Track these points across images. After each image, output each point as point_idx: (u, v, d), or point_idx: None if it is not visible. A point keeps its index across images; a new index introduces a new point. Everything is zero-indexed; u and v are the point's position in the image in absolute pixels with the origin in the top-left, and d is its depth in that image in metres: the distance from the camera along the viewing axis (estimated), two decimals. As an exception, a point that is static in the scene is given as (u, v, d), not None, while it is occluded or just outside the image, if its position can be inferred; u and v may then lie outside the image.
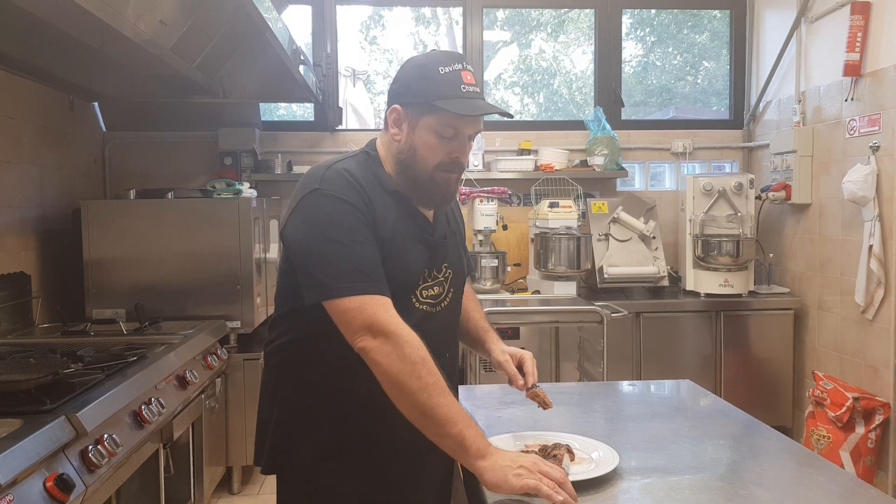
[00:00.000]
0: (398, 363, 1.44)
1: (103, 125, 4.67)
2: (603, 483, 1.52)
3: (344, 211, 1.53)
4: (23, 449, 1.75)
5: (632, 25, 5.46)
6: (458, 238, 1.80)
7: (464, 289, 1.80)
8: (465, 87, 1.58)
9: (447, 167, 1.62)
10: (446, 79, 1.58)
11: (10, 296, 3.30)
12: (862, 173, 3.68)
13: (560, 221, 4.31)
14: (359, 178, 1.59)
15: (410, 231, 1.63)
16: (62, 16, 2.50)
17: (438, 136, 1.59)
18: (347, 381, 1.61)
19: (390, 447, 1.63)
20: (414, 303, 1.62)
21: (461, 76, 1.58)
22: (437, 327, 1.65)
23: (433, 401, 1.44)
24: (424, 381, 1.44)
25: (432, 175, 1.61)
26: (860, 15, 3.80)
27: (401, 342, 1.45)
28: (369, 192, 1.58)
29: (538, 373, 1.84)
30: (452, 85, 1.57)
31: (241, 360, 3.73)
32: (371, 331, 1.46)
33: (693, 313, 4.39)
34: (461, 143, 1.62)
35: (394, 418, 1.54)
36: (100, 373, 2.41)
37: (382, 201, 1.60)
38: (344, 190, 1.55)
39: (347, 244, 1.51)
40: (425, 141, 1.60)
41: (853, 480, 1.66)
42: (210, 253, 3.75)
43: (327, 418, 1.63)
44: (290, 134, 4.96)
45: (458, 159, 1.62)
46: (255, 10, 2.87)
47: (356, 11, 5.37)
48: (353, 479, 1.63)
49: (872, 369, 3.81)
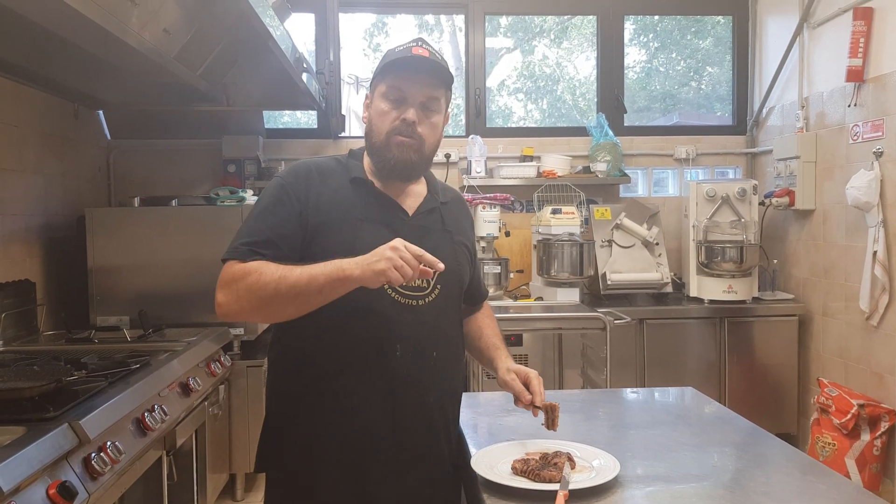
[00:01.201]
0: (239, 300, 1.57)
1: (108, 133, 4.69)
2: (605, 491, 1.52)
3: (274, 189, 1.69)
4: (26, 456, 1.75)
5: (635, 31, 5.46)
6: (453, 238, 1.80)
7: (457, 292, 1.80)
8: (410, 54, 1.67)
9: (399, 130, 1.68)
10: (396, 52, 1.70)
11: (15, 303, 3.31)
12: (865, 179, 3.67)
13: (563, 228, 4.31)
14: (317, 167, 1.74)
15: (372, 214, 1.69)
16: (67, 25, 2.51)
17: (387, 101, 1.69)
18: (326, 381, 1.65)
19: (368, 449, 1.64)
20: (386, 289, 1.63)
21: (411, 50, 1.69)
22: (420, 322, 1.66)
23: (286, 284, 1.51)
24: (268, 286, 1.53)
25: (387, 141, 1.69)
26: (863, 21, 3.80)
27: (228, 279, 1.59)
28: (324, 177, 1.71)
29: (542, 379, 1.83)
30: (400, 54, 1.69)
31: (244, 367, 3.73)
32: (218, 288, 1.62)
33: (697, 320, 4.38)
34: (409, 106, 1.68)
35: (367, 417, 1.61)
36: (103, 380, 2.41)
37: (337, 186, 1.70)
38: (288, 174, 1.72)
39: (252, 217, 1.67)
40: (378, 109, 1.70)
41: (857, 490, 1.66)
42: (214, 260, 3.65)
43: (307, 418, 1.66)
44: (294, 141, 4.98)
45: (407, 120, 1.67)
46: (257, 19, 2.88)
47: (360, 19, 5.39)
48: (331, 479, 1.65)
49: (878, 376, 3.80)
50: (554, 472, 1.53)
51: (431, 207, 1.79)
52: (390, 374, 1.64)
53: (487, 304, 2.06)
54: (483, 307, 2.03)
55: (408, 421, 1.66)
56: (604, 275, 4.47)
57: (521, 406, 1.77)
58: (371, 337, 1.63)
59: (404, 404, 1.66)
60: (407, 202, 1.76)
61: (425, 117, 1.69)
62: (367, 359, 1.63)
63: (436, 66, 1.68)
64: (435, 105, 1.71)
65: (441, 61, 1.70)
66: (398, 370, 1.64)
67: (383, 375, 1.64)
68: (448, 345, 1.76)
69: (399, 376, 1.64)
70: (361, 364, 1.64)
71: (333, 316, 1.59)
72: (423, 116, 1.68)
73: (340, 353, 1.64)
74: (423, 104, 1.68)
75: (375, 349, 1.63)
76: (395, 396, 1.64)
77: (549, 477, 1.52)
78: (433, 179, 1.86)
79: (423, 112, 1.69)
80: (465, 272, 1.82)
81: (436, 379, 1.71)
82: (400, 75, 1.67)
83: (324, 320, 1.60)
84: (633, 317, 3.90)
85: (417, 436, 1.68)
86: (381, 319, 1.63)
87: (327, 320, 1.61)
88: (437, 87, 1.71)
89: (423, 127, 1.68)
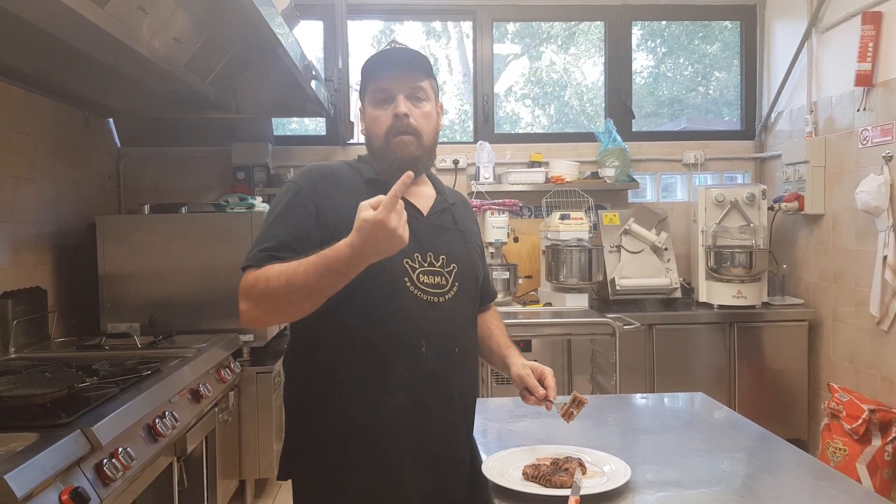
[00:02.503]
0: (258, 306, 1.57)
1: (118, 141, 4.72)
2: (616, 497, 1.52)
3: (288, 193, 1.69)
4: (38, 462, 1.76)
5: (643, 37, 5.46)
6: (466, 237, 1.82)
7: (474, 290, 1.82)
8: (382, 53, 1.72)
9: (395, 130, 1.70)
10: (372, 57, 1.73)
11: (27, 311, 3.32)
12: (875, 183, 3.66)
13: (571, 233, 4.31)
14: (330, 169, 1.75)
15: None
16: (78, 34, 2.53)
17: (376, 105, 1.72)
18: (350, 383, 1.64)
19: (395, 447, 1.64)
20: (408, 285, 1.65)
21: (382, 52, 1.73)
22: (441, 319, 1.66)
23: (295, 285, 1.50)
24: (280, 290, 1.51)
25: (387, 143, 1.71)
26: (871, 25, 3.79)
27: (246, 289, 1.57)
28: (337, 180, 1.72)
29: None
30: (376, 56, 1.73)
31: (254, 374, 3.73)
32: (240, 298, 1.60)
33: (706, 325, 4.37)
34: (396, 102, 1.70)
35: (393, 416, 1.60)
36: (114, 387, 2.42)
37: (351, 188, 1.70)
38: (301, 177, 1.72)
39: (269, 224, 1.66)
40: (369, 115, 1.74)
41: (868, 495, 1.65)
42: (223, 267, 3.76)
43: (334, 420, 1.66)
44: (303, 148, 5.00)
45: (400, 116, 1.69)
46: (266, 26, 2.90)
47: (368, 26, 5.40)
48: (359, 479, 1.64)
49: (888, 381, 3.78)
50: (565, 478, 1.53)
51: (443, 207, 1.81)
52: (416, 370, 1.65)
53: (494, 306, 2.08)
54: (490, 308, 2.04)
55: (433, 417, 1.67)
56: (612, 280, 4.47)
57: (533, 402, 1.77)
58: (396, 334, 1.63)
59: (429, 400, 1.67)
60: (420, 203, 1.77)
61: (415, 107, 1.72)
62: (393, 356, 1.64)
63: (409, 55, 1.73)
64: (421, 94, 1.74)
65: (414, 51, 1.74)
66: (424, 366, 1.65)
67: (409, 372, 1.64)
68: (466, 341, 1.79)
69: (424, 372, 1.65)
70: (387, 362, 1.64)
71: (354, 317, 1.61)
72: (412, 107, 1.71)
73: (365, 352, 1.64)
74: (409, 95, 1.72)
75: (402, 346, 1.64)
76: (420, 393, 1.65)
77: (560, 482, 1.52)
78: (439, 182, 1.89)
79: (412, 103, 1.72)
80: (479, 271, 1.85)
81: (458, 374, 1.73)
82: (380, 76, 1.72)
83: (345, 322, 1.62)
84: (642, 322, 3.90)
85: (442, 431, 1.70)
86: (405, 317, 1.64)
87: (349, 322, 1.62)
88: (419, 77, 1.74)
89: (415, 118, 1.71)
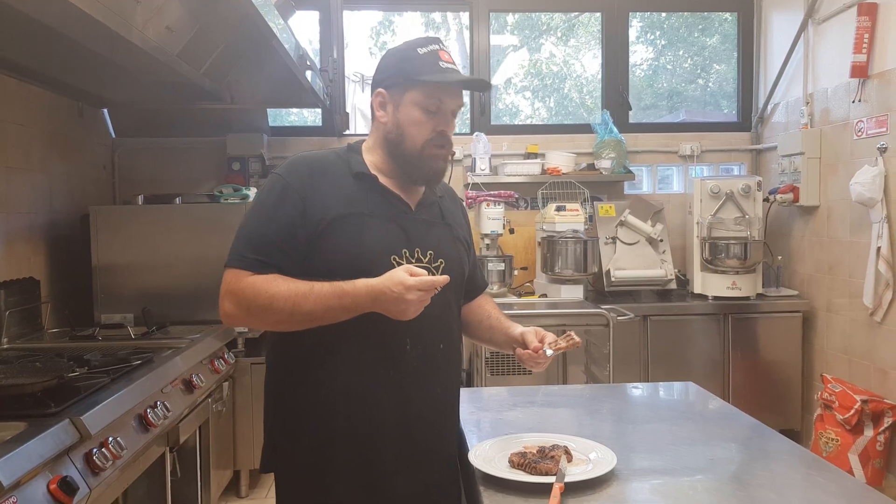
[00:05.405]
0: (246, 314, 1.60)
1: (112, 131, 4.71)
2: (601, 484, 1.52)
3: (276, 187, 1.66)
4: (26, 451, 1.76)
5: (642, 29, 5.45)
6: (454, 231, 1.82)
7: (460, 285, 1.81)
8: (444, 64, 1.67)
9: (436, 142, 1.69)
10: (425, 58, 1.67)
11: (20, 301, 3.32)
12: (870, 175, 3.66)
13: (567, 225, 4.31)
14: (317, 161, 1.70)
15: (377, 209, 1.68)
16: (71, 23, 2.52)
17: (424, 111, 1.67)
18: (334, 381, 1.64)
19: (380, 445, 1.64)
20: None
21: (438, 55, 1.68)
22: (427, 315, 1.64)
23: (300, 309, 1.54)
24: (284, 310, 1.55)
25: (422, 152, 1.69)
26: (867, 16, 3.78)
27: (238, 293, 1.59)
28: (325, 173, 1.68)
29: (546, 375, 1.84)
30: (431, 62, 1.67)
31: (248, 365, 3.74)
32: (227, 297, 1.62)
33: (701, 316, 4.37)
34: (445, 117, 1.69)
35: (378, 414, 1.61)
36: (105, 377, 2.42)
37: (340, 181, 1.67)
38: (288, 171, 1.68)
39: (256, 220, 1.66)
40: (411, 117, 1.68)
41: (860, 485, 1.65)
42: (218, 258, 3.66)
43: (316, 417, 1.65)
44: (298, 139, 4.98)
45: (444, 133, 1.69)
46: (260, 16, 2.89)
47: (367, 17, 5.39)
48: (343, 477, 1.64)
49: (881, 372, 3.79)
50: (550, 465, 1.53)
51: (431, 201, 1.80)
52: (401, 368, 1.64)
53: (488, 294, 2.06)
54: (484, 295, 2.02)
55: (418, 413, 1.67)
56: (608, 271, 4.46)
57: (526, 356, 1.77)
58: (381, 332, 1.62)
59: (414, 397, 1.66)
60: (407, 197, 1.76)
61: (453, 125, 1.74)
62: (377, 355, 1.64)
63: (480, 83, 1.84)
64: (459, 111, 1.75)
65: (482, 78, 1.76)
66: (409, 364, 1.65)
67: (394, 370, 1.64)
68: (452, 337, 1.78)
69: (409, 370, 1.65)
70: (372, 361, 1.64)
71: None
72: (452, 125, 1.73)
73: (349, 351, 1.63)
74: (454, 112, 1.72)
75: (386, 345, 1.64)
76: (405, 390, 1.65)
77: (545, 469, 1.52)
78: None
79: (452, 120, 1.73)
80: (465, 266, 1.84)
81: (443, 370, 1.73)
82: (440, 87, 1.67)
83: None
84: (636, 313, 3.90)
85: (427, 427, 1.69)
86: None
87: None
88: (462, 98, 1.76)
89: (451, 134, 1.73)
